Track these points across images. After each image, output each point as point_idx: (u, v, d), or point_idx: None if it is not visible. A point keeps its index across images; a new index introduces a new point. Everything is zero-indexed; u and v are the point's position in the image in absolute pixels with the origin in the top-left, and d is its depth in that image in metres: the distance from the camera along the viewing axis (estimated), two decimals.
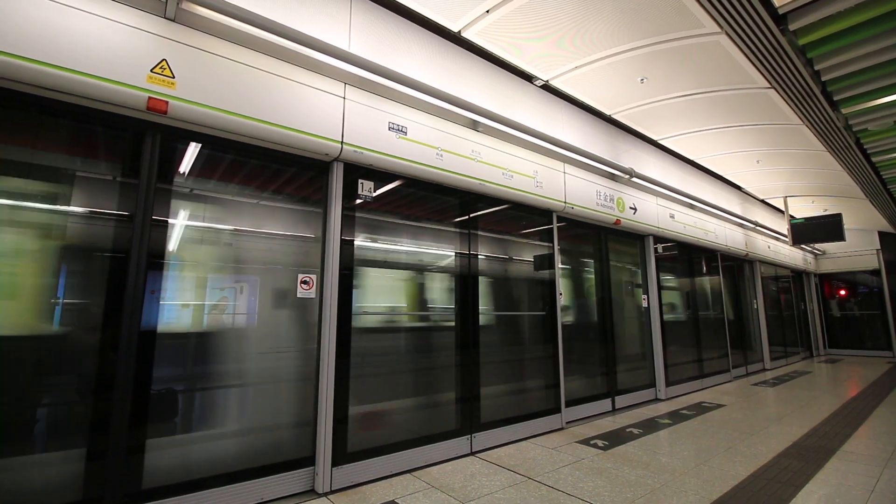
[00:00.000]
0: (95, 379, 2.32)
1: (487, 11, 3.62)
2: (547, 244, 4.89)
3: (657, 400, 6.02)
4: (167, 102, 2.47)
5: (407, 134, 3.56)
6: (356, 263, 3.33)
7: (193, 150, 2.77)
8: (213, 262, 2.86)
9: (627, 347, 6.07)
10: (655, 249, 6.50)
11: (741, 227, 8.85)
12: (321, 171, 3.26)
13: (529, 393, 4.45)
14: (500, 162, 4.27)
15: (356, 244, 3.35)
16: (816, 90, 4.40)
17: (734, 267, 9.06)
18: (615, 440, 4.12)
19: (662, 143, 6.44)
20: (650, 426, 4.64)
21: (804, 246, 11.45)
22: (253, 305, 2.98)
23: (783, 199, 9.24)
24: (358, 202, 3.37)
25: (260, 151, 2.97)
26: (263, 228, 3.10)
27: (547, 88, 4.82)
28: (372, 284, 3.64)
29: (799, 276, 12.32)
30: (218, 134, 2.75)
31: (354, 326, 3.22)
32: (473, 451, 3.72)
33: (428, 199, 3.97)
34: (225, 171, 2.97)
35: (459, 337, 3.91)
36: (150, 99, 2.42)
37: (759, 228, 9.27)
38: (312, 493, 2.86)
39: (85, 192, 2.46)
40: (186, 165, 2.77)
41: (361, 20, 3.37)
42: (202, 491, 2.52)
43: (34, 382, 2.24)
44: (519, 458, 3.61)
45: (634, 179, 5.80)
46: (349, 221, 3.27)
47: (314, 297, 3.11)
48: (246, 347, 2.91)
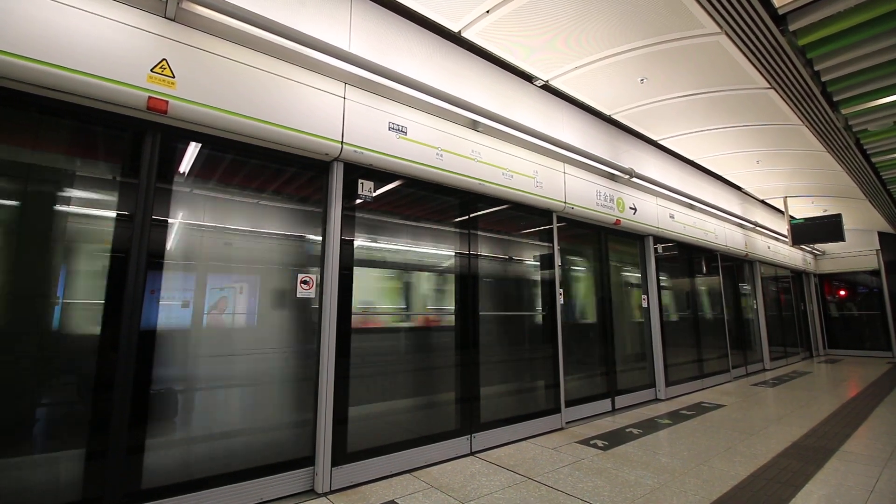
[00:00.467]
0: (95, 378, 2.32)
1: (488, 11, 3.62)
2: (547, 244, 4.89)
3: (657, 400, 6.02)
4: (167, 102, 2.46)
5: (407, 134, 3.56)
6: (356, 263, 3.33)
7: (193, 149, 2.77)
8: (212, 261, 2.86)
9: (627, 347, 6.07)
10: (655, 249, 6.50)
11: (741, 227, 8.85)
12: (321, 170, 3.26)
13: (529, 393, 4.45)
14: (500, 162, 4.27)
15: (356, 244, 3.35)
16: (816, 90, 4.40)
17: (734, 267, 9.06)
18: (615, 440, 4.12)
19: (662, 143, 6.44)
20: (650, 426, 4.64)
21: (804, 246, 11.46)
22: (252, 305, 2.98)
23: (783, 199, 9.24)
24: (358, 202, 3.37)
25: (260, 151, 2.97)
26: (263, 228, 3.10)
27: (547, 88, 4.82)
28: (372, 284, 3.64)
29: (799, 276, 12.33)
30: (218, 134, 2.75)
31: (354, 326, 3.22)
32: (473, 451, 3.72)
33: (428, 199, 3.97)
34: (225, 170, 2.97)
35: (459, 337, 3.91)
36: (150, 98, 2.41)
37: (758, 229, 9.28)
38: (312, 492, 2.86)
39: (84, 191, 2.46)
40: (186, 165, 2.77)
41: (361, 20, 3.37)
42: (202, 491, 2.52)
43: (37, 381, 2.24)
44: (519, 458, 3.61)
45: (634, 180, 5.81)
46: (349, 221, 3.27)
47: (314, 296, 3.11)
48: (245, 347, 2.91)
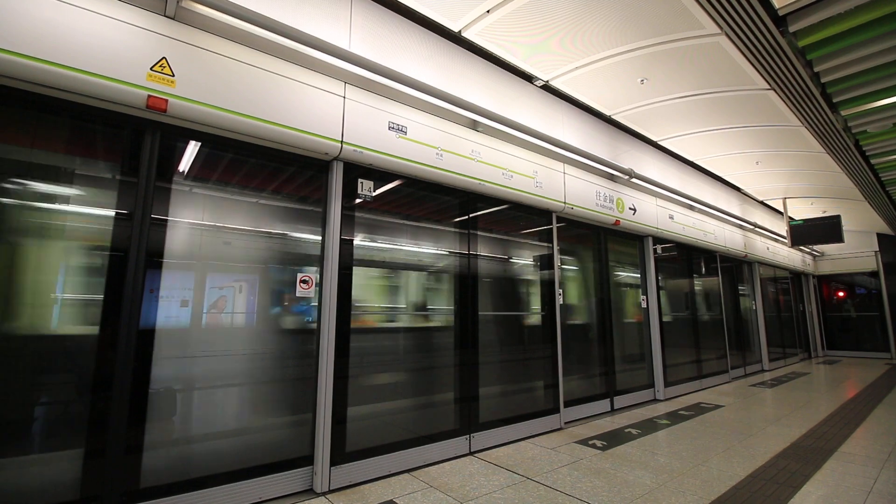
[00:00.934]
0: (94, 377, 2.32)
1: (488, 11, 3.62)
2: (546, 244, 4.89)
3: (656, 400, 6.03)
4: (167, 101, 2.46)
5: (407, 133, 3.56)
6: (356, 263, 3.33)
7: (193, 148, 2.77)
8: (211, 260, 2.86)
9: (626, 348, 6.07)
10: (655, 250, 6.51)
11: (740, 228, 8.86)
12: (321, 170, 3.26)
13: (528, 393, 4.45)
14: (499, 162, 4.27)
15: (356, 243, 3.34)
16: (816, 92, 4.41)
17: (733, 268, 9.07)
18: (614, 440, 4.12)
19: (662, 143, 6.44)
20: (649, 426, 4.65)
21: (803, 247, 11.49)
22: (252, 304, 2.97)
23: (782, 200, 9.25)
24: (358, 202, 3.37)
25: (260, 150, 2.97)
26: (263, 227, 3.09)
27: (547, 89, 4.83)
28: (371, 284, 3.64)
29: (797, 277, 12.35)
30: (218, 133, 2.74)
31: (353, 326, 3.22)
32: (472, 450, 3.72)
33: (428, 198, 3.97)
34: (225, 169, 2.97)
35: (458, 337, 3.91)
36: (149, 97, 2.41)
37: (758, 230, 9.29)
38: (311, 492, 2.86)
39: (83, 190, 2.45)
40: (186, 164, 2.77)
41: (362, 19, 3.37)
42: (201, 490, 2.52)
43: (37, 380, 2.24)
44: (517, 457, 3.61)
45: (634, 180, 5.81)
46: (349, 221, 3.27)
47: (313, 296, 3.10)
48: (244, 346, 2.91)
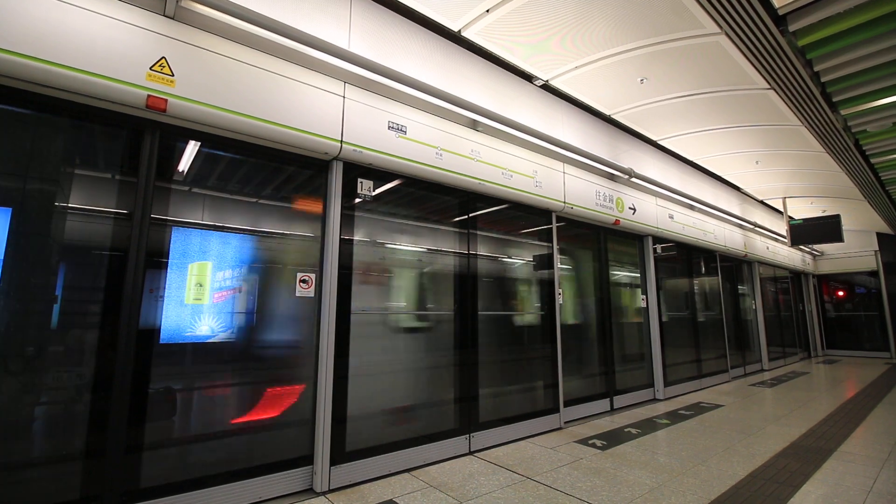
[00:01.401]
0: (94, 377, 2.32)
1: (487, 11, 3.62)
2: (546, 244, 4.89)
3: (655, 400, 6.03)
4: (166, 100, 2.46)
5: (406, 133, 3.55)
6: (355, 262, 3.33)
7: (193, 148, 2.76)
8: (211, 260, 2.86)
9: (626, 347, 6.07)
10: (654, 250, 6.51)
11: (740, 227, 8.86)
12: (321, 169, 3.26)
13: (528, 393, 4.45)
14: (499, 161, 4.27)
15: (356, 243, 3.34)
16: (816, 91, 4.40)
17: (733, 267, 9.07)
18: (613, 440, 4.12)
19: (662, 143, 6.44)
20: (648, 426, 4.65)
21: (803, 247, 11.48)
22: (252, 304, 2.97)
23: (782, 199, 9.25)
24: (357, 201, 3.37)
25: (259, 150, 2.96)
26: (262, 227, 3.09)
27: (547, 88, 4.82)
28: (371, 283, 3.63)
29: (797, 276, 12.35)
30: (217, 132, 2.74)
31: (353, 326, 3.22)
32: (472, 450, 3.72)
33: (427, 198, 3.97)
34: (225, 169, 2.97)
35: (458, 336, 3.91)
36: (149, 97, 2.41)
37: (757, 229, 9.29)
38: (311, 491, 2.86)
39: (83, 190, 2.45)
40: (186, 164, 2.77)
41: (361, 19, 3.36)
42: (201, 490, 2.52)
43: (35, 380, 2.24)
44: (517, 457, 3.61)
45: (634, 180, 5.81)
46: (348, 220, 3.27)
47: (313, 296, 3.10)
48: (244, 346, 2.91)
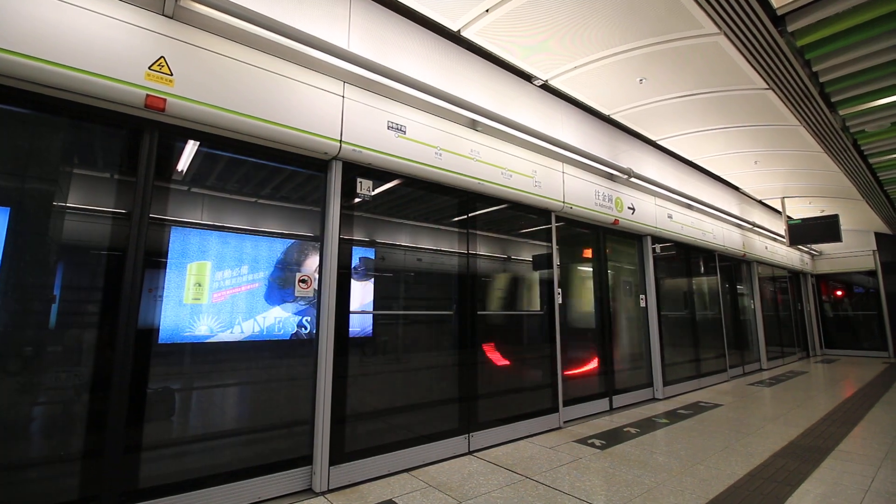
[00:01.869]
0: (92, 377, 2.31)
1: (487, 11, 3.62)
2: (545, 244, 4.89)
3: (654, 399, 6.04)
4: (165, 100, 2.46)
5: (406, 133, 3.55)
6: (354, 262, 3.33)
7: (192, 147, 2.76)
8: (210, 260, 2.86)
9: (625, 347, 6.08)
10: (653, 249, 6.51)
11: (739, 227, 8.87)
12: (320, 169, 3.26)
13: (527, 392, 4.46)
14: (499, 161, 4.27)
15: (355, 243, 3.34)
16: (814, 91, 4.41)
17: (731, 267, 9.08)
18: (612, 439, 4.13)
19: (661, 143, 6.45)
20: (647, 425, 4.66)
21: (801, 246, 11.51)
22: (251, 304, 2.97)
23: (780, 199, 9.27)
24: (357, 201, 3.37)
25: (259, 149, 2.96)
26: (261, 226, 3.09)
27: (546, 88, 4.82)
28: (371, 283, 3.63)
29: (796, 276, 12.37)
30: (216, 132, 2.74)
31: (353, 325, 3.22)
32: (471, 450, 3.73)
33: (427, 198, 3.97)
34: (224, 168, 2.97)
35: (458, 336, 3.91)
36: (148, 96, 2.41)
37: (756, 229, 9.30)
38: (310, 491, 2.86)
39: (81, 189, 2.45)
40: (185, 163, 2.76)
41: (361, 19, 3.36)
42: (200, 490, 2.52)
43: (34, 380, 2.24)
44: (516, 457, 3.62)
45: (633, 179, 5.81)
46: (348, 220, 3.27)
47: (312, 296, 3.10)
48: (247, 346, 2.91)
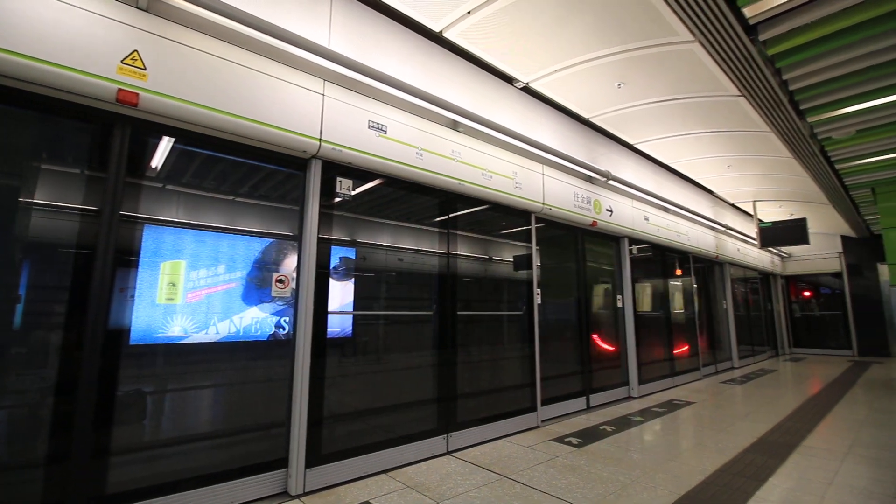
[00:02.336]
0: (58, 379, 2.24)
1: (469, 12, 3.64)
2: (525, 244, 4.94)
3: (630, 398, 6.16)
4: (138, 95, 2.39)
5: (387, 132, 3.54)
6: (333, 262, 3.30)
7: (166, 144, 2.70)
8: (185, 259, 2.80)
9: (602, 346, 6.18)
10: (630, 251, 6.64)
11: (712, 229, 9.11)
12: (299, 168, 3.22)
13: (506, 392, 4.49)
14: (479, 162, 4.29)
15: (334, 243, 3.32)
16: (784, 99, 4.57)
17: (705, 268, 9.32)
18: (589, 438, 4.20)
19: (638, 146, 6.57)
20: (623, 424, 4.75)
21: (771, 249, 11.89)
22: (227, 304, 2.92)
23: (752, 203, 9.56)
24: (336, 200, 3.34)
25: (236, 147, 2.91)
26: (239, 225, 3.04)
27: (527, 91, 4.87)
28: (351, 283, 3.61)
29: (766, 277, 12.76)
30: (192, 128, 2.68)
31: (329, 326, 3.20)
32: (450, 450, 3.74)
33: (408, 198, 3.97)
34: (199, 166, 2.91)
35: (438, 336, 3.92)
36: (119, 90, 2.34)
37: (729, 231, 9.57)
38: (285, 494, 2.83)
39: (50, 185, 2.37)
40: (159, 160, 2.70)
41: (342, 17, 3.34)
42: (171, 494, 2.46)
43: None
44: (494, 456, 3.64)
45: (611, 182, 5.91)
46: (327, 220, 3.24)
47: (289, 296, 3.06)
48: (223, 347, 2.86)
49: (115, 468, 2.34)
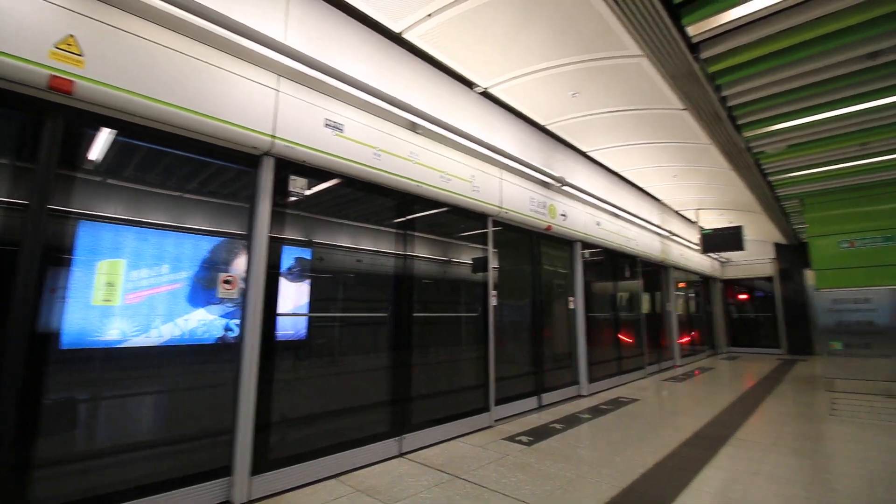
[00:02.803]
0: None
1: (429, 15, 3.65)
2: (482, 247, 5.01)
3: (580, 396, 6.38)
4: (73, 82, 2.25)
5: (344, 132, 3.50)
6: (285, 262, 3.22)
7: (105, 136, 2.54)
8: (124, 258, 2.65)
9: (555, 347, 6.37)
10: (583, 254, 6.88)
11: (659, 235, 9.59)
12: (250, 164, 3.11)
13: (460, 393, 4.54)
14: (438, 165, 4.32)
15: (286, 242, 3.24)
16: (723, 114, 4.89)
17: (651, 272, 9.80)
18: (539, 436, 4.32)
19: (592, 154, 6.82)
20: (572, 421, 4.92)
21: (712, 254, 12.64)
22: (172, 306, 2.79)
23: (695, 211, 10.15)
24: (290, 199, 3.27)
25: (183, 141, 2.78)
26: (185, 223, 2.91)
27: (486, 96, 4.94)
28: (307, 285, 3.54)
29: (706, 281, 13.57)
30: (135, 120, 2.54)
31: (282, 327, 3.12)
32: (402, 452, 3.74)
33: (365, 199, 3.93)
34: (143, 160, 2.76)
35: (393, 338, 3.91)
36: (52, 77, 2.19)
37: (674, 237, 10.11)
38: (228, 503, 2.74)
39: None
40: (97, 152, 2.54)
41: (300, 12, 3.26)
42: None
43: None
44: (447, 456, 3.68)
45: (565, 188, 6.11)
46: (279, 219, 3.16)
47: (237, 297, 2.96)
48: (166, 351, 2.73)
49: (40, 482, 2.19)
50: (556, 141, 6.16)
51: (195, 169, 2.99)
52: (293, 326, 3.46)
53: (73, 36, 2.28)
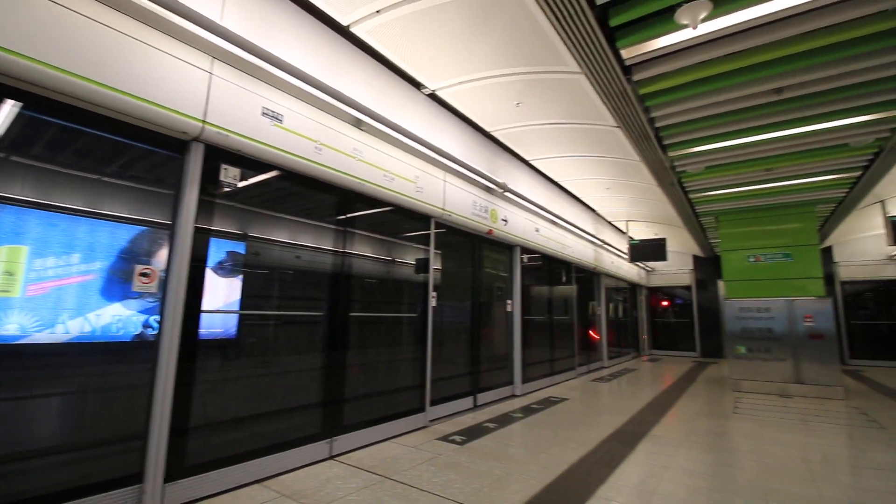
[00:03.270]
0: None
1: (378, 11, 3.62)
2: (424, 248, 5.03)
3: (514, 396, 6.57)
4: None
5: (283, 122, 3.37)
6: (214, 256, 3.05)
7: (8, 108, 2.28)
8: (27, 244, 2.38)
9: (491, 348, 6.51)
10: (522, 259, 7.10)
11: (592, 244, 10.12)
12: (177, 150, 2.91)
13: (396, 393, 4.52)
14: (382, 163, 4.28)
15: (215, 235, 3.06)
16: (651, 134, 5.25)
17: (584, 278, 10.32)
18: (472, 435, 4.39)
19: (533, 163, 7.06)
20: (504, 420, 5.05)
21: (639, 263, 13.53)
22: (82, 299, 2.54)
23: (626, 222, 10.81)
24: (222, 190, 3.09)
25: (100, 119, 2.54)
26: (101, 209, 2.67)
27: (434, 98, 4.97)
28: (239, 280, 3.36)
29: (633, 288, 14.50)
30: (43, 93, 2.30)
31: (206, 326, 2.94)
32: (333, 454, 3.65)
33: (305, 193, 3.81)
34: (54, 138, 2.50)
35: (328, 338, 3.81)
36: None
37: (606, 246, 10.71)
38: None
39: None
40: None
41: None
42: None
43: None
44: (379, 458, 3.64)
45: (507, 194, 6.28)
46: (207, 209, 2.98)
47: (156, 291, 2.76)
48: (73, 349, 2.48)
49: None
50: (500, 147, 6.32)
51: (116, 151, 2.75)
52: (223, 324, 3.28)
53: None
